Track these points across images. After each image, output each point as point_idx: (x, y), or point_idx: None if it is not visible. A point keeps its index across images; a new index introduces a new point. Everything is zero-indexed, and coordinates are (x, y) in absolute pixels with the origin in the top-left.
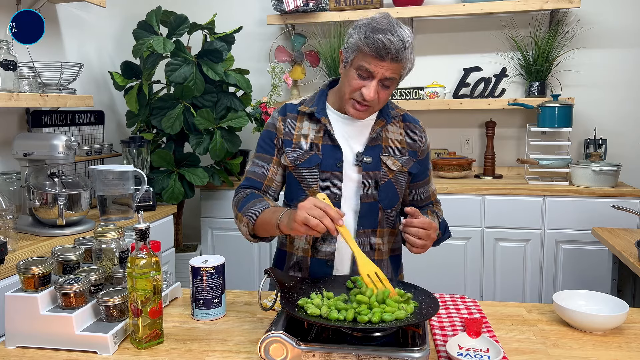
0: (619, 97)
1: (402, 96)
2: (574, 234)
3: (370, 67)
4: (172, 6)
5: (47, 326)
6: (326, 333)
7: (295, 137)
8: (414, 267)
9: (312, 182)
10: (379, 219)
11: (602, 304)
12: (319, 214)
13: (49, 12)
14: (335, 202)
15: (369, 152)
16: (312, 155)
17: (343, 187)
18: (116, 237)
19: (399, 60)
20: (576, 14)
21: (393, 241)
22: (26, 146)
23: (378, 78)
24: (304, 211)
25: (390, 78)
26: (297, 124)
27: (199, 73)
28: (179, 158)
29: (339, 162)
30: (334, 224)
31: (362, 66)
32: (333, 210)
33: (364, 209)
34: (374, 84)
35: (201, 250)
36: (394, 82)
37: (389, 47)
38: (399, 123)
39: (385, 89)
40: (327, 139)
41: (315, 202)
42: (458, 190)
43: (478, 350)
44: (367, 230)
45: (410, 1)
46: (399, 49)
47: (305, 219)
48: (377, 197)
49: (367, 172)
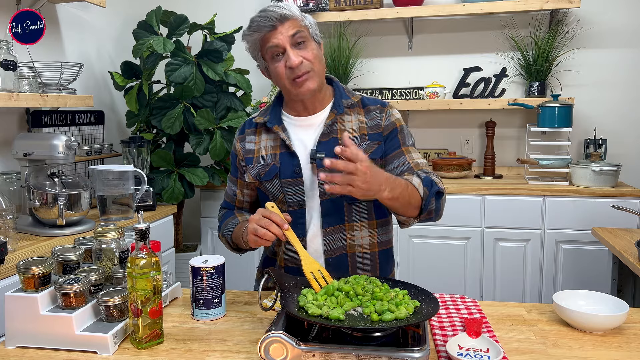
0: (618, 97)
1: (402, 96)
2: (574, 234)
3: (272, 40)
4: (172, 6)
5: (47, 326)
6: (326, 333)
7: (255, 152)
8: (414, 267)
9: (277, 193)
10: (346, 214)
11: (602, 304)
12: (266, 222)
13: (49, 12)
14: (300, 208)
15: (322, 148)
16: (271, 167)
17: (305, 191)
18: (116, 237)
19: (287, 17)
20: (576, 14)
21: (378, 234)
22: (26, 146)
23: (287, 44)
24: (253, 223)
25: (294, 34)
26: (257, 137)
27: (199, 73)
28: (179, 158)
29: (296, 168)
30: (281, 230)
31: (268, 47)
32: (278, 217)
33: (327, 207)
34: (288, 50)
35: (201, 250)
36: (306, 38)
37: (268, 15)
38: (357, 110)
39: (303, 47)
40: (284, 147)
41: (262, 212)
42: (458, 190)
43: (478, 350)
44: (334, 227)
45: (410, 1)
46: (276, 10)
47: (253, 229)
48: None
49: (323, 168)
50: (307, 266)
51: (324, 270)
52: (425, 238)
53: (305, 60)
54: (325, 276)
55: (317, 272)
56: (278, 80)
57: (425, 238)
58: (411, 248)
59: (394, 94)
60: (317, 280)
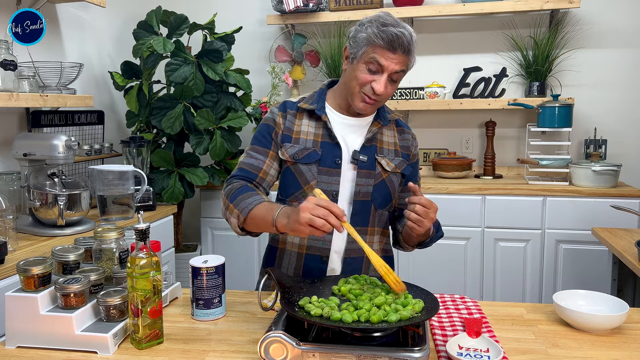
0: (618, 97)
1: (402, 96)
2: (574, 234)
3: (382, 59)
4: (172, 6)
5: (47, 326)
6: (326, 333)
7: (294, 133)
8: (414, 267)
9: (311, 178)
10: (371, 217)
11: (602, 304)
12: (323, 213)
13: (49, 12)
14: (333, 198)
15: (364, 151)
16: (312, 152)
17: (340, 184)
18: (116, 237)
19: (409, 53)
20: (576, 14)
21: (384, 242)
22: (26, 146)
23: (388, 72)
24: (307, 212)
25: (398, 72)
26: (297, 120)
27: (199, 73)
28: (179, 158)
29: (337, 159)
30: (339, 221)
31: (373, 59)
32: (337, 208)
33: (357, 207)
34: (384, 77)
35: (201, 250)
36: (400, 77)
37: (402, 39)
38: (393, 127)
39: (393, 83)
40: (327, 137)
41: (317, 202)
42: (458, 190)
43: (478, 350)
44: (359, 229)
45: (410, 1)
46: (409, 42)
47: (310, 220)
48: (371, 196)
49: (362, 171)
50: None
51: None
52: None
53: (386, 93)
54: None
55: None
56: (352, 80)
57: None
58: None
59: (394, 94)
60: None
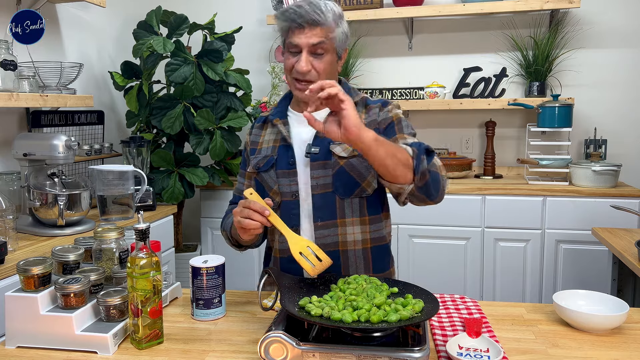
0: (618, 97)
1: (402, 96)
2: (574, 234)
3: (294, 38)
4: (172, 6)
5: (47, 326)
6: (326, 333)
7: (258, 145)
8: (414, 267)
9: (272, 184)
10: (337, 209)
11: (602, 304)
12: (247, 213)
13: (49, 12)
14: (294, 199)
15: (317, 143)
16: (269, 158)
17: (299, 183)
18: (116, 237)
19: (318, 23)
20: (576, 14)
21: (369, 231)
22: (26, 146)
23: (306, 49)
24: (237, 216)
25: (317, 44)
26: (263, 131)
27: (199, 73)
28: (179, 158)
29: (291, 159)
30: (263, 216)
31: (288, 42)
32: (257, 205)
33: (318, 201)
34: (303, 55)
35: (201, 250)
36: (326, 50)
37: (300, 12)
38: (360, 110)
39: (319, 57)
40: (283, 140)
41: (241, 203)
42: (458, 190)
43: (478, 350)
44: (326, 222)
45: (410, 1)
46: (311, 12)
47: (238, 222)
48: (332, 186)
49: (316, 163)
50: (294, 246)
51: (314, 246)
52: (425, 238)
53: (314, 70)
54: (315, 251)
55: (306, 249)
56: (285, 71)
57: (425, 238)
58: (411, 248)
59: (394, 94)
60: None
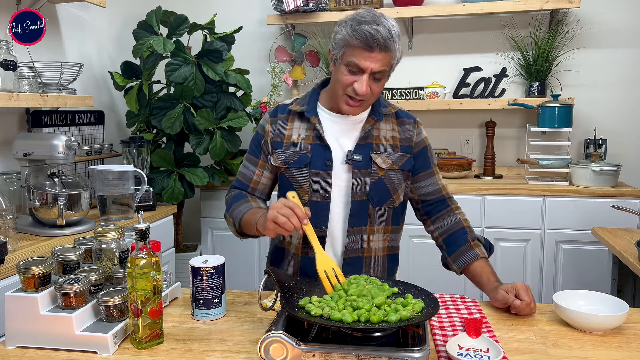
0: (618, 97)
1: (402, 96)
2: (574, 234)
3: (360, 61)
4: (172, 6)
5: (47, 326)
6: (326, 333)
7: (285, 138)
8: (414, 267)
9: (303, 182)
10: (369, 216)
11: (602, 304)
12: (287, 212)
13: (49, 12)
14: (325, 200)
15: (359, 151)
16: (302, 155)
17: (332, 185)
18: (116, 237)
19: (388, 50)
20: (576, 14)
21: (388, 239)
22: (26, 146)
23: (368, 71)
24: (274, 210)
25: (380, 71)
26: (288, 124)
27: (199, 73)
28: (179, 158)
29: (328, 161)
30: (300, 223)
31: (351, 61)
32: (300, 210)
33: (354, 207)
34: (365, 78)
35: (201, 250)
36: (384, 74)
37: (377, 37)
38: (392, 120)
39: (377, 81)
40: (317, 139)
41: (284, 202)
42: (458, 190)
43: (478, 350)
44: (358, 228)
45: (410, 1)
46: (386, 38)
47: (274, 217)
48: (367, 195)
49: (357, 171)
50: (321, 264)
51: (338, 269)
52: (425, 238)
53: (370, 93)
54: (338, 275)
55: (331, 270)
56: (336, 83)
57: (426, 238)
58: (411, 248)
59: (394, 94)
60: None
